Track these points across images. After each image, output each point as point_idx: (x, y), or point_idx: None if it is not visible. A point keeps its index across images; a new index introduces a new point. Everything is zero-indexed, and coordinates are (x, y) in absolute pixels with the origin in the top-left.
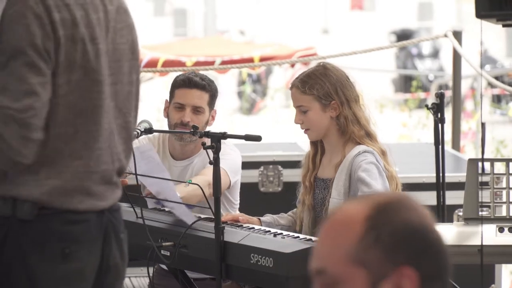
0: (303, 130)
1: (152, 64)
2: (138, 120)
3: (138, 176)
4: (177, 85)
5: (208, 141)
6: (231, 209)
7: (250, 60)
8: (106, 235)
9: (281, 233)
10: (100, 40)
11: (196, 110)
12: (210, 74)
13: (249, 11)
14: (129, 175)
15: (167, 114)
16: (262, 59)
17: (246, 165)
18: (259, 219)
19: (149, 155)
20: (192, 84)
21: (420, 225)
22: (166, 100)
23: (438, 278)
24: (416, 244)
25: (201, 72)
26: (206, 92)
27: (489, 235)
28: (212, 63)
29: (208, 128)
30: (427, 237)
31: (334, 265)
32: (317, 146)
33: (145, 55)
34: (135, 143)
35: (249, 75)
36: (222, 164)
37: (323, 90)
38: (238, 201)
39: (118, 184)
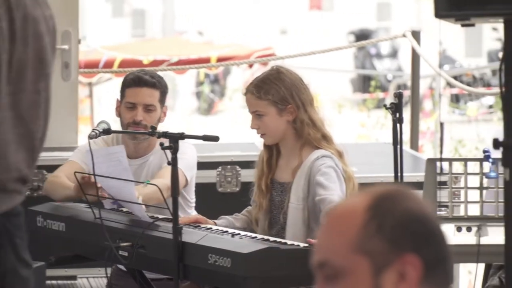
0: (259, 135)
1: (109, 64)
2: (97, 121)
3: (97, 178)
4: (127, 84)
5: (166, 141)
6: (188, 208)
7: (208, 60)
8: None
9: (239, 233)
10: (1, 50)
11: (148, 108)
12: (168, 74)
13: (207, 12)
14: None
15: (119, 113)
16: (220, 60)
17: (204, 166)
18: (215, 222)
19: (117, 157)
20: (142, 83)
21: (421, 213)
22: (117, 100)
23: (440, 265)
24: (418, 232)
25: (159, 72)
26: (157, 90)
27: (447, 234)
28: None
29: (160, 124)
30: (429, 225)
31: (337, 256)
32: (272, 149)
33: (103, 56)
34: (92, 144)
35: (207, 75)
36: (178, 164)
37: (279, 95)
38: (194, 199)
39: (18, 190)
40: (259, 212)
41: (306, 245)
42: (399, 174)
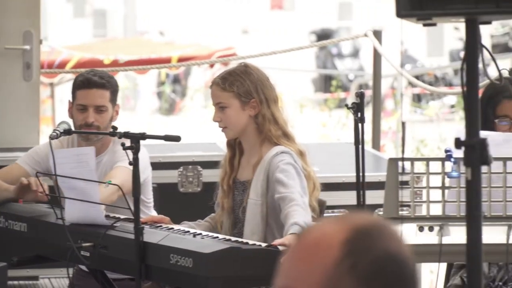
0: (221, 128)
1: (66, 63)
2: (59, 121)
3: (58, 179)
4: (77, 86)
5: (127, 142)
6: (145, 208)
7: (169, 60)
8: None
9: (201, 233)
10: None
11: (99, 109)
12: (130, 74)
13: (169, 12)
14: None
15: (71, 115)
16: (181, 60)
17: (166, 166)
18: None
19: (85, 159)
20: (92, 84)
21: (399, 255)
22: (69, 101)
23: None
24: (392, 275)
25: (120, 72)
26: (107, 90)
27: (409, 234)
28: (130, 61)
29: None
30: (404, 269)
31: (302, 287)
32: (234, 148)
33: (60, 55)
34: (46, 145)
35: (168, 75)
36: (128, 164)
37: (243, 88)
38: (152, 200)
39: None
40: (223, 214)
41: (267, 245)
42: (360, 174)
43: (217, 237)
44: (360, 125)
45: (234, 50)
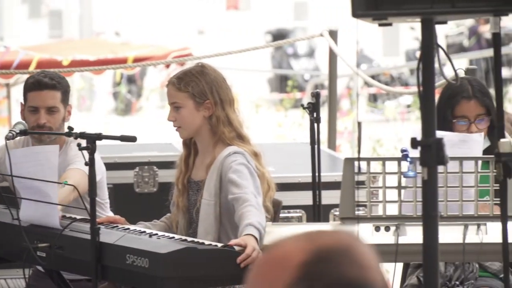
0: (175, 128)
1: (25, 64)
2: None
3: (14, 179)
4: (28, 88)
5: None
6: (101, 209)
7: (125, 60)
8: None
9: (157, 234)
10: None
11: (51, 110)
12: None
13: (125, 12)
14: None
15: (23, 117)
16: (137, 60)
17: (121, 166)
18: None
19: (47, 156)
20: (43, 86)
21: (357, 281)
22: (21, 103)
23: None
24: None
25: (77, 73)
26: (58, 91)
27: (365, 234)
28: (88, 62)
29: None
30: None
31: None
32: (190, 147)
33: (17, 55)
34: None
35: (124, 76)
36: (81, 166)
37: (198, 88)
38: (108, 201)
39: None
40: (178, 213)
41: (223, 245)
42: (316, 174)
43: (173, 237)
44: (316, 125)
45: (190, 50)
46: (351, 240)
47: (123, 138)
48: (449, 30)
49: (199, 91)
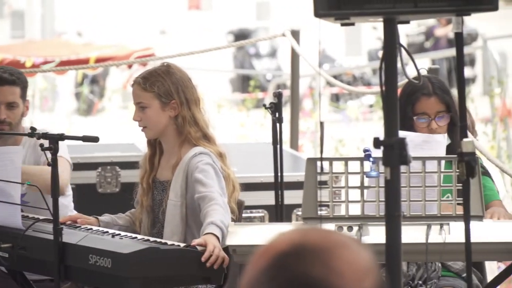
0: (141, 128)
1: None
2: None
3: None
4: None
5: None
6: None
7: (87, 61)
8: None
9: (119, 234)
10: None
11: (10, 105)
12: (49, 75)
13: (87, 13)
14: None
15: None
16: (99, 60)
17: (84, 166)
18: (97, 218)
19: (11, 157)
20: (3, 81)
21: (318, 283)
22: None
23: None
24: None
25: (39, 73)
26: (17, 86)
27: None
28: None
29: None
30: None
31: None
32: (155, 147)
33: None
34: None
35: (86, 76)
36: (62, 153)
37: (164, 88)
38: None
39: None
40: (142, 212)
41: (185, 245)
42: (279, 174)
43: (136, 237)
44: (278, 125)
45: (152, 50)
46: (340, 243)
47: (86, 139)
48: (409, 30)
49: (165, 91)
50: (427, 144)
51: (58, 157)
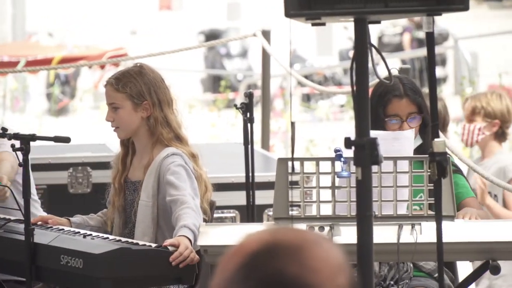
0: (113, 128)
1: None
2: None
3: None
4: None
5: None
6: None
7: (50, 60)
8: None
9: (91, 234)
10: None
11: None
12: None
13: (58, 13)
14: None
15: None
16: (65, 60)
17: (55, 167)
18: (69, 219)
19: None
20: None
21: (292, 281)
22: None
23: None
24: None
25: (11, 73)
26: None
27: None
28: (16, 63)
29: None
30: None
31: None
32: (128, 147)
33: None
34: None
35: (58, 76)
36: (7, 148)
37: (136, 89)
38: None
39: None
40: (114, 212)
41: (157, 245)
42: (250, 174)
43: (108, 237)
44: (249, 125)
45: (125, 50)
46: (312, 241)
47: (57, 139)
48: (385, 30)
49: (137, 92)
50: (397, 141)
51: (5, 152)
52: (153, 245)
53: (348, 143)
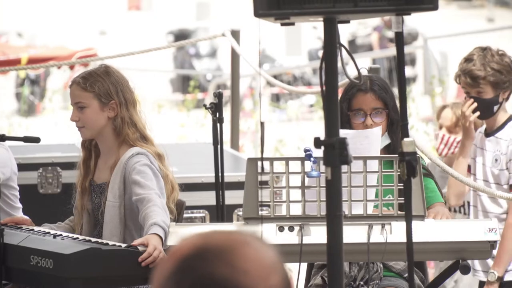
0: (78, 127)
1: None
2: None
3: None
4: None
5: None
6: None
7: (19, 61)
8: None
9: (61, 235)
10: None
11: None
12: None
13: (27, 13)
14: None
15: None
16: (32, 61)
17: (25, 167)
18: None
19: None
20: None
21: (223, 282)
22: None
23: None
24: None
25: None
26: None
27: (269, 234)
28: None
29: None
30: None
31: None
32: (90, 149)
33: None
34: None
35: (27, 76)
36: None
37: (104, 88)
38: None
39: None
40: (80, 216)
41: (127, 245)
42: (219, 174)
43: (77, 238)
44: (218, 125)
45: (95, 50)
46: (243, 242)
47: (27, 139)
48: (357, 31)
49: (105, 91)
50: (366, 139)
51: None
52: (123, 245)
53: (317, 142)
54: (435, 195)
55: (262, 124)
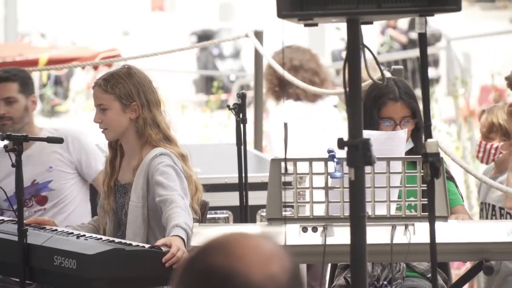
0: (101, 129)
1: None
2: None
3: None
4: None
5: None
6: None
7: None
8: None
9: (84, 235)
10: None
11: (8, 101)
12: None
13: (51, 14)
14: None
15: None
16: (60, 61)
17: None
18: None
19: None
20: None
21: (218, 270)
22: None
23: None
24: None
25: None
26: (13, 82)
27: (292, 235)
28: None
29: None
30: (228, 281)
31: None
32: (116, 149)
33: None
34: None
35: (50, 77)
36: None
37: (125, 90)
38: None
39: None
40: (105, 216)
41: (150, 246)
42: (243, 175)
43: (101, 238)
44: (242, 126)
45: (118, 51)
46: (241, 235)
47: (50, 140)
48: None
49: (126, 93)
50: (390, 141)
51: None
52: (146, 245)
53: (341, 143)
54: (456, 198)
55: (285, 124)
